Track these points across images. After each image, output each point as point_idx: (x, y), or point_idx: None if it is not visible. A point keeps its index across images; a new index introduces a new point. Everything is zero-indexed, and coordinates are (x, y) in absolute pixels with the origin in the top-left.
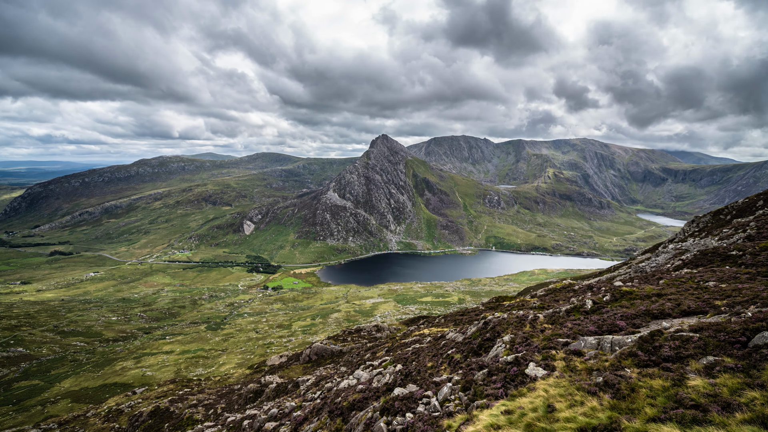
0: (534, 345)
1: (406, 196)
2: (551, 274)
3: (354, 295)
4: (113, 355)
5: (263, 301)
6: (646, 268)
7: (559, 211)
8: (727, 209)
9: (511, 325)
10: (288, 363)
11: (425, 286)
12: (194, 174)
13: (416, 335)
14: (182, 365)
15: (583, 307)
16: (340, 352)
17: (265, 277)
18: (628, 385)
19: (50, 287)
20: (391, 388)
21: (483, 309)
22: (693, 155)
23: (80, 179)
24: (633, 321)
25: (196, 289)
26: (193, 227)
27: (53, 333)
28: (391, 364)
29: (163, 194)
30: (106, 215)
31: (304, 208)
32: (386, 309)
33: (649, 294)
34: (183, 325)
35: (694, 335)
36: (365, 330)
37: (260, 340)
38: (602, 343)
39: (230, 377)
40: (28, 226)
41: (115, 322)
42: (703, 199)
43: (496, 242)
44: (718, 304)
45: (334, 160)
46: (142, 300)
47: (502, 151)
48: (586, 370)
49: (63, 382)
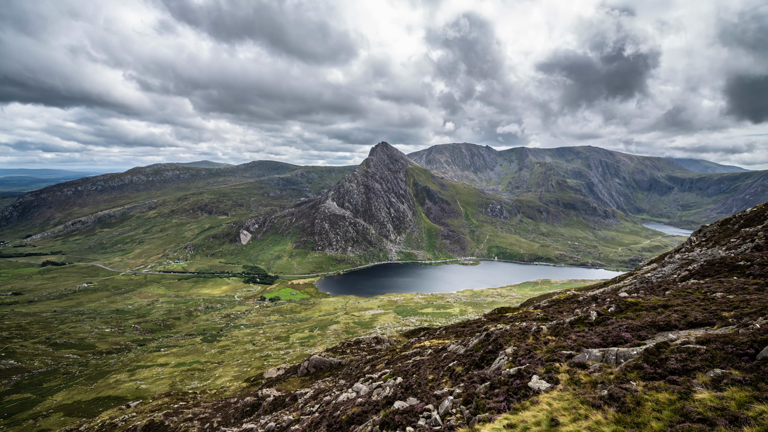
0: (537, 357)
1: (406, 205)
2: (555, 284)
3: (353, 306)
4: (107, 368)
5: (260, 313)
6: (651, 279)
7: (563, 220)
8: (735, 218)
9: (514, 337)
10: (286, 376)
11: (426, 297)
12: (189, 182)
13: (417, 347)
14: (177, 378)
15: (588, 318)
16: (339, 364)
17: (262, 288)
18: (633, 399)
19: (42, 298)
20: (391, 402)
21: (485, 320)
22: (700, 163)
23: (73, 188)
24: (638, 333)
25: (191, 300)
26: (189, 237)
27: (45, 345)
28: (391, 376)
29: (157, 203)
30: (99, 224)
31: (302, 218)
32: (386, 320)
33: (655, 305)
34: (178, 336)
35: (701, 347)
36: (365, 342)
37: (257, 353)
38: (607, 356)
39: (226, 390)
40: (20, 236)
41: (109, 333)
42: (711, 208)
43: (499, 252)
44: (725, 315)
45: (333, 168)
46: (136, 311)
47: (504, 158)
48: (591, 383)
49: (55, 395)
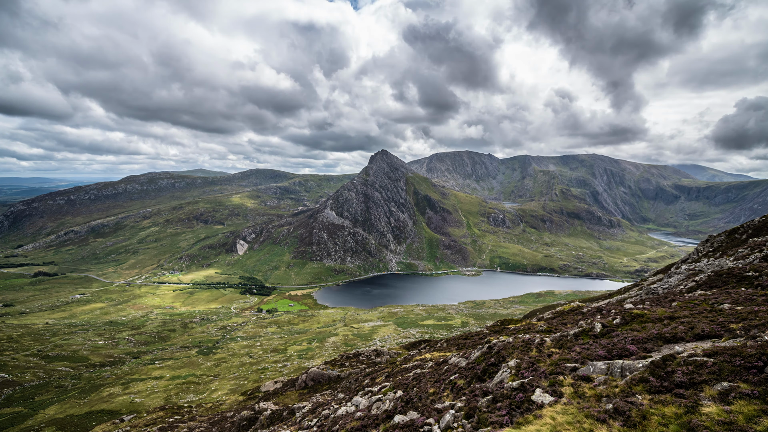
0: (541, 370)
1: (406, 214)
2: (558, 296)
3: (352, 318)
4: (100, 381)
5: (257, 325)
6: (657, 290)
7: (567, 230)
8: (743, 228)
9: (517, 350)
10: (283, 389)
11: (427, 308)
12: (185, 191)
13: (417, 360)
14: (172, 391)
15: (592, 330)
16: (337, 377)
17: (259, 299)
18: (639, 413)
19: (34, 310)
20: (391, 416)
21: (487, 332)
22: (707, 171)
23: (65, 197)
24: (644, 345)
25: (186, 312)
26: (184, 247)
27: (37, 358)
28: (391, 390)
29: (152, 212)
30: (92, 234)
31: (300, 227)
32: (386, 332)
33: (661, 317)
34: (173, 349)
35: (708, 360)
36: (364, 354)
37: (254, 365)
38: (612, 368)
39: (222, 404)
40: (11, 246)
41: (102, 346)
42: (718, 217)
43: (501, 263)
44: (733, 327)
45: (332, 176)
46: (130, 323)
47: (507, 167)
48: (595, 396)
49: (47, 409)
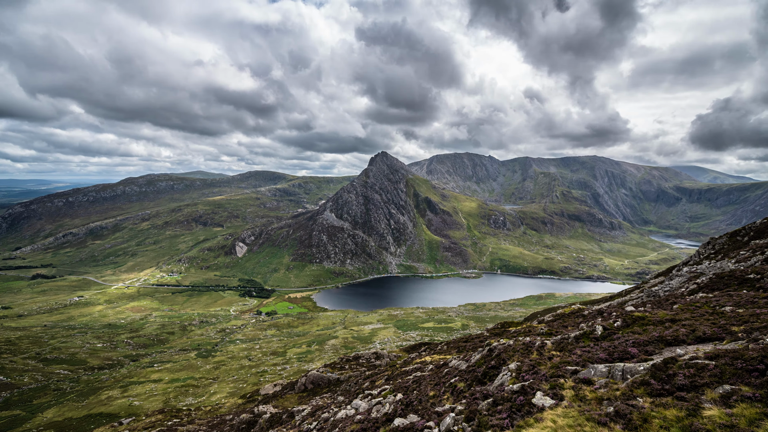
0: (541, 373)
1: (406, 216)
2: (559, 298)
3: (352, 320)
4: (98, 384)
5: (256, 327)
6: (659, 293)
7: (568, 232)
8: (745, 230)
9: (518, 352)
10: (282, 392)
11: (427, 311)
12: (183, 193)
13: (418, 363)
14: (171, 394)
15: (593, 333)
16: (337, 380)
17: (258, 302)
18: (640, 416)
19: (32, 312)
20: (391, 419)
21: (488, 335)
22: (708, 173)
23: (63, 198)
24: (645, 348)
25: (185, 315)
26: (183, 249)
27: (35, 360)
28: (391, 393)
29: (150, 214)
30: (90, 236)
31: (300, 229)
32: (386, 335)
33: (662, 319)
34: (172, 352)
35: (710, 363)
36: (364, 357)
37: (253, 368)
38: (613, 371)
39: (221, 407)
40: (9, 248)
41: (101, 349)
42: (720, 219)
43: (502, 265)
44: (734, 330)
45: (332, 178)
46: (128, 326)
47: (507, 169)
48: (597, 399)
49: (46, 412)
